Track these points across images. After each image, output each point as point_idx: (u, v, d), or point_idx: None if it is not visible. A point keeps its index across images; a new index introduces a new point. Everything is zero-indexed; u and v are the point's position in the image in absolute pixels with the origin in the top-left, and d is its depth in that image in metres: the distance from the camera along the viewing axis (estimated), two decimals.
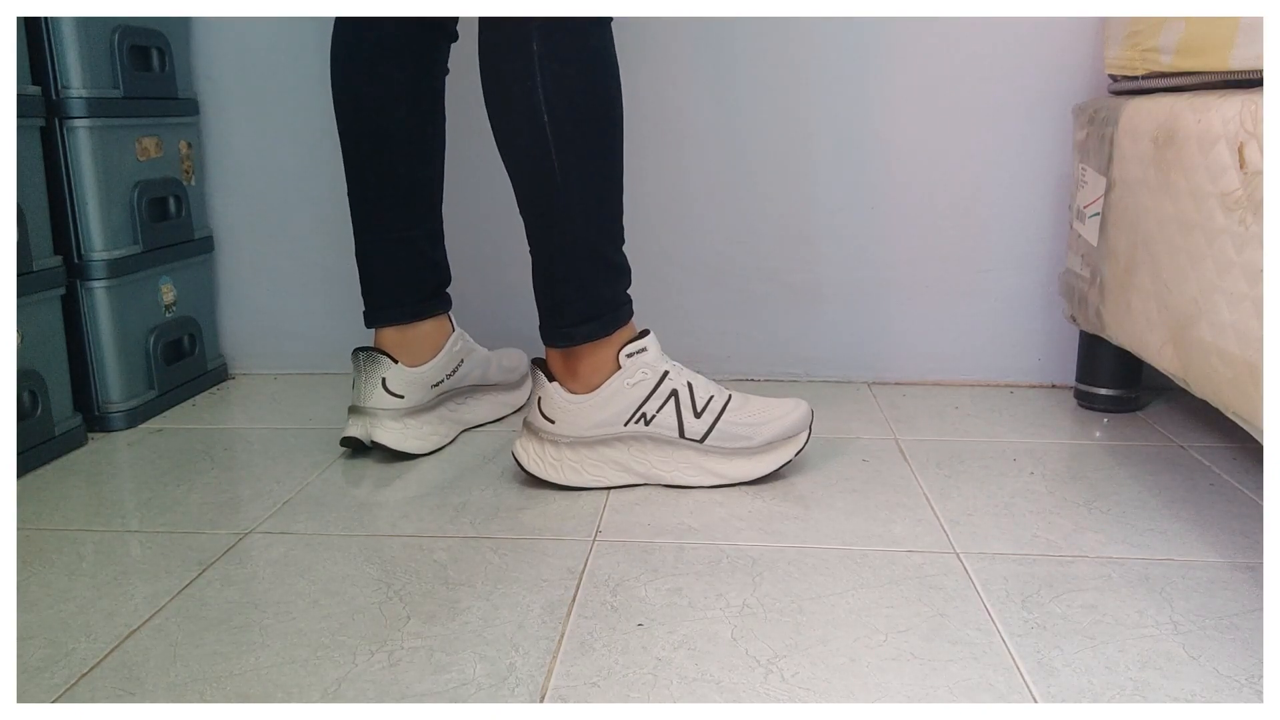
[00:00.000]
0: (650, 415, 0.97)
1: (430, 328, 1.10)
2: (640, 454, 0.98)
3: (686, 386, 0.98)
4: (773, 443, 0.99)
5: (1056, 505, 0.95)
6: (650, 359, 0.97)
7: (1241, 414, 0.79)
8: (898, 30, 1.27)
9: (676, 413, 0.97)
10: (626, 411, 0.97)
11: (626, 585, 0.80)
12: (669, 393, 0.97)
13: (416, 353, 1.08)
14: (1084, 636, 0.71)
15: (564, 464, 0.98)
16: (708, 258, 1.36)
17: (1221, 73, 0.86)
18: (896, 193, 1.32)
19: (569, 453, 0.98)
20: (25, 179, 1.07)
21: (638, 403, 0.97)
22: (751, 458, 0.99)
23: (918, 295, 1.35)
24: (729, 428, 0.98)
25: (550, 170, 0.92)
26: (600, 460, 0.98)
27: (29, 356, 1.07)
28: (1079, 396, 1.26)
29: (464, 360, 1.13)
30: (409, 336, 1.08)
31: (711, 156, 1.34)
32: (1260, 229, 0.74)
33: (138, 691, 0.66)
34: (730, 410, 0.98)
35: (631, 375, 0.96)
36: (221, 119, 1.38)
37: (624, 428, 0.97)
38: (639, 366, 0.97)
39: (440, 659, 0.69)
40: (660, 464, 0.98)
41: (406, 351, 1.08)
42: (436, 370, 1.09)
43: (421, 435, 1.08)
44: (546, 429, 0.98)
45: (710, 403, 0.98)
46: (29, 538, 0.90)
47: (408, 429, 1.07)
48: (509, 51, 0.90)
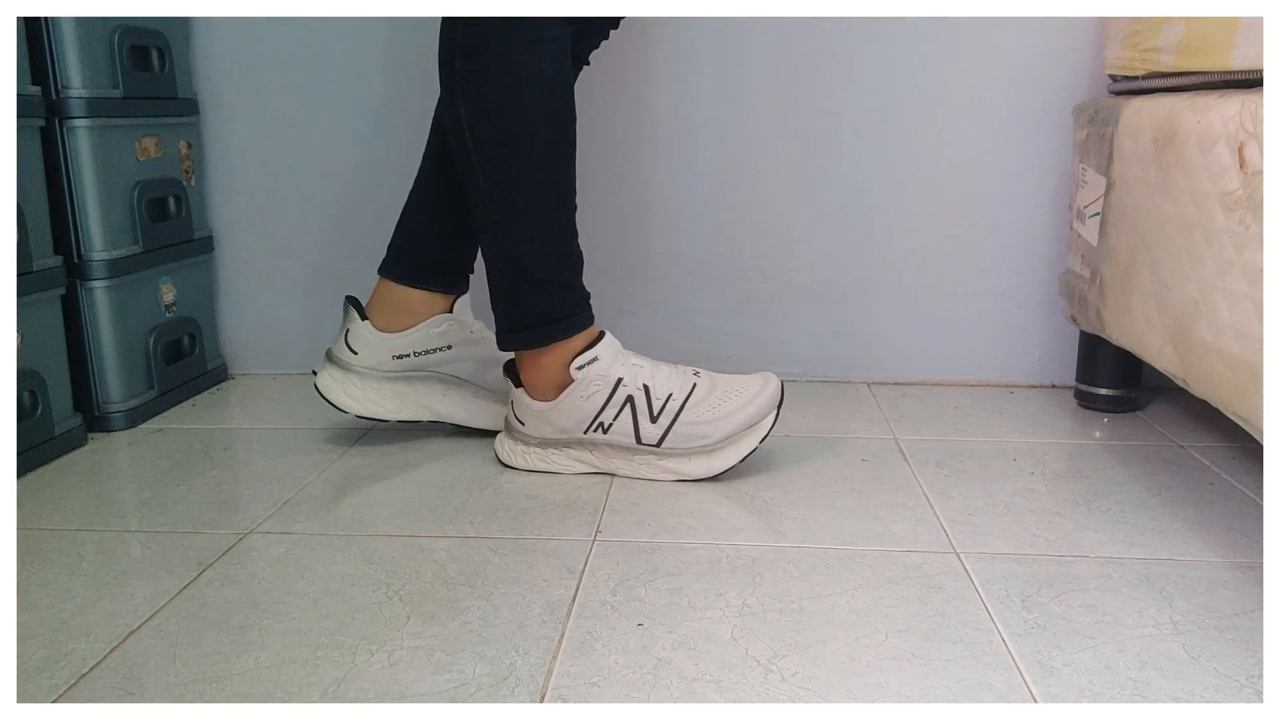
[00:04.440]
0: (607, 424, 1.00)
1: (420, 299, 1.09)
2: (603, 456, 1.02)
3: (642, 390, 0.99)
4: (731, 436, 1.00)
5: (1056, 505, 0.95)
6: (602, 368, 0.98)
7: (1241, 414, 0.79)
8: (898, 30, 1.27)
9: (633, 419, 0.99)
10: (584, 422, 1.00)
11: (626, 585, 0.80)
12: (624, 400, 0.99)
13: (393, 317, 1.09)
14: (1084, 636, 0.71)
15: (533, 456, 1.04)
16: (708, 258, 1.36)
17: (1221, 73, 0.86)
18: (896, 193, 1.32)
19: (538, 449, 1.03)
20: (25, 179, 1.07)
21: (593, 414, 0.99)
22: (711, 455, 1.00)
23: (918, 295, 1.35)
24: (685, 429, 0.99)
25: (476, 184, 0.96)
26: (567, 456, 1.03)
27: (29, 356, 1.07)
28: (1079, 396, 1.26)
29: (453, 347, 1.11)
30: (395, 298, 1.09)
31: (711, 157, 1.34)
32: (1260, 229, 0.74)
33: (138, 691, 0.66)
34: (689, 407, 0.99)
35: (585, 389, 0.98)
36: (221, 119, 1.38)
37: (584, 435, 1.01)
38: (591, 379, 0.98)
39: (440, 659, 0.69)
40: (622, 466, 1.02)
41: (384, 313, 1.09)
42: (403, 342, 1.09)
43: (361, 397, 1.09)
44: (518, 429, 1.03)
45: (668, 403, 0.99)
46: (29, 538, 0.90)
47: (349, 384, 1.08)
48: (441, 68, 0.95)
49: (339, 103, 1.36)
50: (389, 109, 1.35)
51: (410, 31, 1.33)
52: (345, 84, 1.35)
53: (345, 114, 1.36)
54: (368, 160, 1.38)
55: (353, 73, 1.35)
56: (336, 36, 1.34)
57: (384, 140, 1.36)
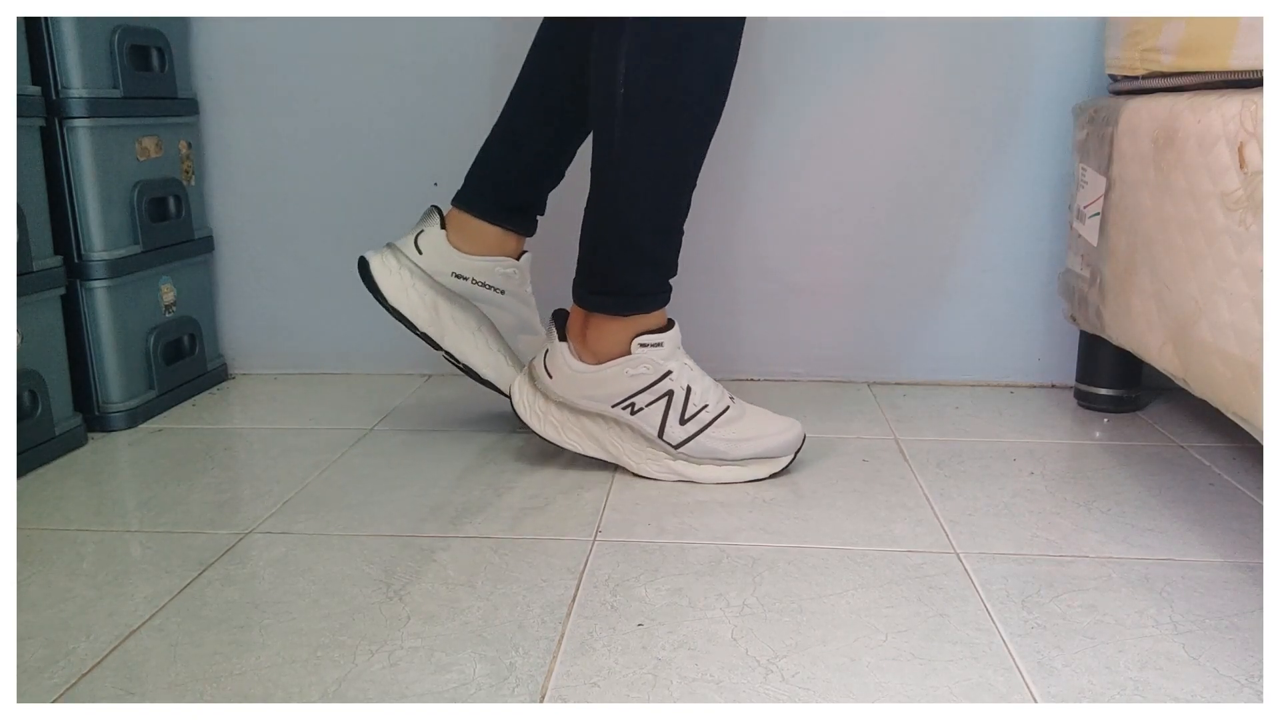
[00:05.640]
0: (639, 407, 0.99)
1: (495, 235, 1.09)
2: (617, 438, 1.01)
3: (684, 390, 0.99)
4: (747, 460, 1.00)
5: (1056, 505, 0.95)
6: (661, 355, 0.98)
7: (1241, 414, 0.79)
8: (898, 30, 1.27)
9: (664, 413, 0.99)
10: (618, 396, 0.99)
11: (626, 585, 0.80)
12: (664, 392, 0.98)
13: (468, 240, 1.08)
14: (1084, 636, 0.71)
15: (549, 418, 1.02)
16: (708, 258, 1.36)
17: (1222, 73, 0.86)
18: (896, 192, 1.32)
19: (555, 410, 1.02)
20: (25, 179, 1.07)
21: (631, 392, 0.98)
22: (720, 467, 1.00)
23: (918, 295, 1.35)
24: (708, 442, 0.99)
25: (612, 144, 0.94)
26: (580, 429, 1.02)
27: (29, 356, 1.07)
28: (1079, 396, 1.26)
29: (505, 293, 1.11)
30: (473, 226, 1.08)
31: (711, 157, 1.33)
32: (1260, 229, 0.74)
33: (138, 691, 0.66)
34: (719, 425, 0.99)
35: (635, 366, 0.98)
36: (221, 119, 1.38)
37: (610, 409, 1.00)
38: (645, 359, 0.98)
39: (440, 659, 0.69)
40: (631, 454, 1.01)
41: (461, 234, 1.08)
42: (470, 265, 1.08)
43: (402, 290, 1.07)
44: (543, 381, 1.02)
45: (701, 412, 0.99)
46: (29, 538, 0.90)
47: (400, 276, 1.07)
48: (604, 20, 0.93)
49: (339, 103, 1.36)
50: (389, 109, 1.35)
51: (411, 31, 1.33)
52: (345, 84, 1.35)
53: (345, 114, 1.36)
54: (368, 160, 1.38)
55: (353, 72, 1.35)
56: (336, 36, 1.34)
57: (384, 140, 1.36)
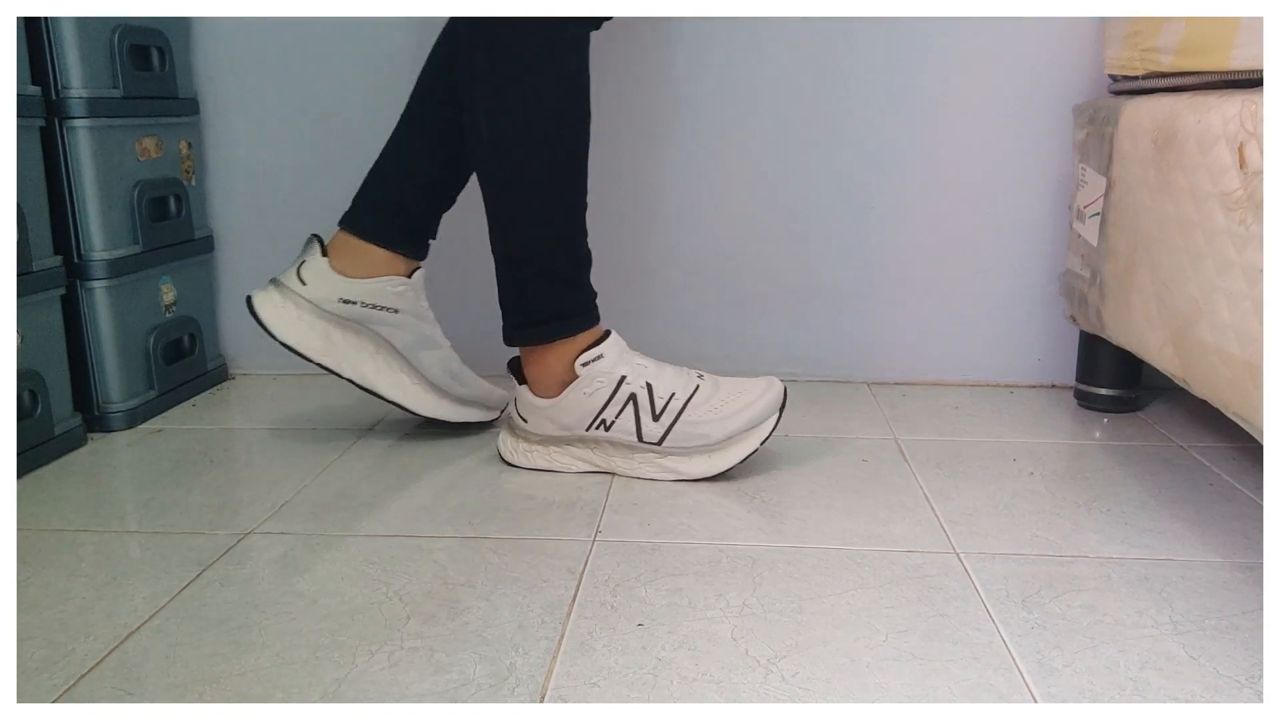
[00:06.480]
0: (610, 421, 1.00)
1: (384, 257, 1.08)
2: (604, 454, 1.03)
3: (645, 389, 0.99)
4: (732, 436, 1.00)
5: (1056, 505, 0.95)
6: (606, 366, 0.99)
7: (1241, 414, 0.79)
8: (898, 30, 1.27)
9: (635, 417, 0.99)
10: (587, 418, 1.00)
11: (626, 585, 0.80)
12: (627, 398, 0.99)
13: (352, 264, 1.08)
14: (1084, 636, 0.71)
15: (534, 454, 1.04)
16: (707, 258, 1.36)
17: (1221, 73, 0.86)
18: (896, 192, 1.32)
19: (539, 447, 1.04)
20: (25, 179, 1.07)
21: (596, 410, 1.00)
22: (711, 454, 1.00)
23: (918, 295, 1.35)
24: (687, 428, 0.99)
25: (491, 179, 0.99)
26: (568, 455, 1.04)
27: (29, 356, 1.07)
28: (1079, 396, 1.26)
29: (400, 312, 1.09)
30: (358, 249, 1.08)
31: (711, 157, 1.34)
32: (1260, 229, 0.74)
33: (137, 691, 0.66)
34: (692, 407, 0.99)
35: (588, 385, 0.99)
36: (221, 119, 1.38)
37: (586, 432, 1.01)
38: (594, 376, 0.99)
39: (440, 659, 0.69)
40: (623, 464, 1.02)
41: (344, 257, 1.08)
42: (357, 289, 1.07)
43: (292, 326, 1.06)
44: (521, 427, 1.04)
45: (670, 402, 0.99)
46: (29, 538, 0.90)
47: (285, 310, 1.06)
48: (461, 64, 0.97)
49: (339, 103, 1.36)
50: (389, 109, 1.35)
51: (411, 31, 1.33)
52: (345, 84, 1.35)
53: (345, 114, 1.36)
54: (368, 161, 1.37)
55: (353, 73, 1.35)
56: (336, 36, 1.34)
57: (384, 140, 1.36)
